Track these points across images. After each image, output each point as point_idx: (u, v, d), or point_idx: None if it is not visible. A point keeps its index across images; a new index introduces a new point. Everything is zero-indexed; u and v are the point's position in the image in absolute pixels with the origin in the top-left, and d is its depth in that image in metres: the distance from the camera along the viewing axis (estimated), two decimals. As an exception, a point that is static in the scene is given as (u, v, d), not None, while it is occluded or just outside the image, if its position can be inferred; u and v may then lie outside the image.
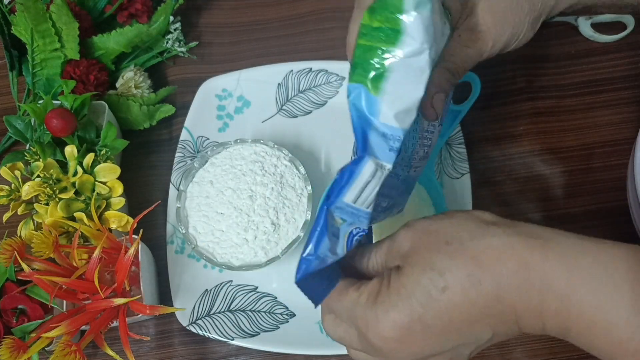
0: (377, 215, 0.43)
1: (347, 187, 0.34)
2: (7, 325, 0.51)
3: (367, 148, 0.34)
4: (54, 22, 0.58)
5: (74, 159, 0.54)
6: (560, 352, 0.52)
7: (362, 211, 0.35)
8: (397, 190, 0.43)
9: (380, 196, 0.41)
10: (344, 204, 0.34)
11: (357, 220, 0.35)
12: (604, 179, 0.57)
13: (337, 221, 0.35)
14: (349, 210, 0.35)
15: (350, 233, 0.36)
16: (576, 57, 0.62)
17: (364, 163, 0.34)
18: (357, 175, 0.34)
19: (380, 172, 0.34)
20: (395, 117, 0.33)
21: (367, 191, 0.34)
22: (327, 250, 0.35)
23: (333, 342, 0.52)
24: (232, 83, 0.63)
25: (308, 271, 0.35)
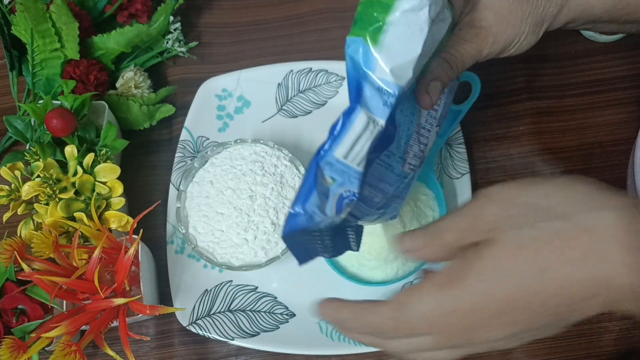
0: (372, 212, 0.42)
1: (338, 140, 0.33)
2: (7, 325, 0.51)
3: (360, 100, 0.33)
4: (54, 22, 0.58)
5: (74, 159, 0.54)
6: (560, 352, 0.52)
7: (353, 169, 0.34)
8: (390, 186, 0.43)
9: (373, 187, 0.41)
10: (334, 160, 0.34)
11: (348, 181, 0.35)
12: (604, 179, 0.56)
13: (327, 180, 0.34)
14: (339, 168, 0.34)
15: (340, 196, 0.35)
16: (576, 57, 0.62)
17: (356, 114, 0.33)
18: (348, 127, 0.33)
19: (372, 127, 0.33)
20: (391, 72, 0.33)
21: (359, 146, 0.34)
22: (316, 207, 0.34)
23: (333, 342, 0.53)
24: (232, 83, 0.63)
25: (296, 227, 0.34)
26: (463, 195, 0.56)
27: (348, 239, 0.44)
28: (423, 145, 0.44)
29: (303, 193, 0.34)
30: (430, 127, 0.44)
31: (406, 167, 0.43)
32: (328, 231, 0.39)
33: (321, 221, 0.35)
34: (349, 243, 0.44)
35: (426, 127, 0.44)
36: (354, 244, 0.45)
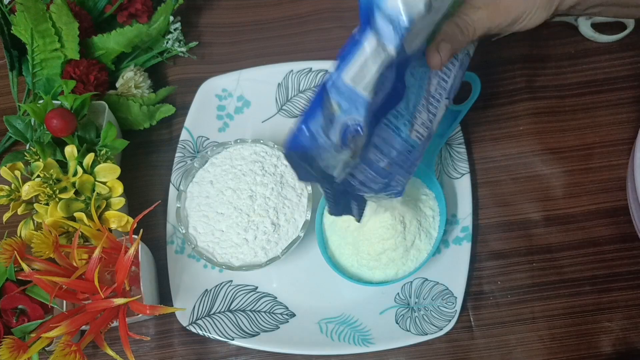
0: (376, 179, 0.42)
1: (346, 61, 0.33)
2: (7, 325, 0.51)
3: (370, 23, 0.33)
4: (54, 22, 0.58)
5: (74, 159, 0.54)
6: (560, 352, 0.52)
7: (360, 95, 0.34)
8: (396, 152, 0.42)
9: (378, 150, 0.40)
10: (342, 83, 0.33)
11: (354, 108, 0.34)
12: (604, 179, 0.57)
13: (334, 107, 0.34)
14: (346, 93, 0.34)
15: (346, 125, 0.35)
16: (576, 57, 0.62)
17: (366, 35, 0.33)
18: (358, 48, 0.33)
19: (382, 52, 0.33)
20: (402, 1, 0.32)
21: (367, 70, 0.33)
22: (320, 127, 0.34)
23: (333, 342, 0.53)
24: (232, 83, 0.63)
25: (297, 144, 0.34)
26: (463, 195, 0.56)
27: (350, 204, 0.44)
28: (432, 115, 0.44)
29: (308, 113, 0.33)
30: (439, 97, 0.44)
31: (413, 134, 0.43)
32: (330, 183, 0.38)
33: (324, 144, 0.34)
34: (350, 208, 0.44)
35: (435, 96, 0.43)
36: (355, 211, 0.45)
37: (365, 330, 0.53)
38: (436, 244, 0.52)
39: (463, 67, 0.46)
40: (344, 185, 0.42)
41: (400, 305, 0.54)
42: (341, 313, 0.54)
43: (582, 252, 0.55)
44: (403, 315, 0.53)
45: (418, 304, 0.54)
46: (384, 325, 0.53)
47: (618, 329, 0.52)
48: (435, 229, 0.53)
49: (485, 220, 0.56)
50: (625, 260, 0.54)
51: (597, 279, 0.54)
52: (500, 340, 0.53)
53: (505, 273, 0.55)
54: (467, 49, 0.46)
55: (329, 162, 0.37)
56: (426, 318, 0.53)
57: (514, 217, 0.56)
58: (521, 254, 0.55)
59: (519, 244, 0.55)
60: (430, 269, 0.54)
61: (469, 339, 0.53)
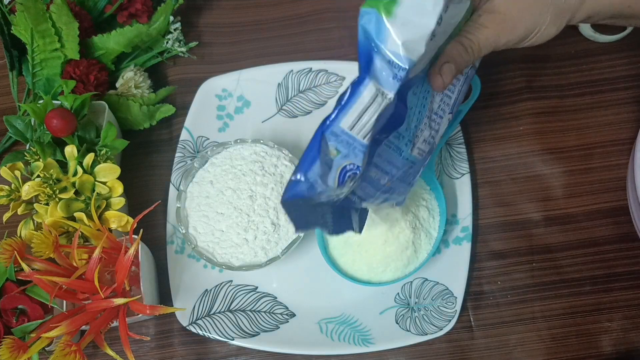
0: (376, 194, 0.42)
1: (345, 109, 0.33)
2: (7, 325, 0.51)
3: (369, 71, 0.33)
4: (54, 22, 0.58)
5: (74, 159, 0.54)
6: (560, 352, 0.52)
7: (358, 141, 0.34)
8: (397, 169, 0.42)
9: (379, 169, 0.41)
10: (340, 130, 0.34)
11: (352, 153, 0.35)
12: (604, 179, 0.57)
13: (332, 151, 0.34)
14: (344, 139, 0.34)
15: (344, 168, 0.35)
16: (576, 57, 0.62)
17: (365, 84, 0.33)
18: (356, 97, 0.33)
19: (380, 99, 0.33)
20: (403, 45, 0.32)
21: (366, 118, 0.33)
22: (318, 176, 0.34)
23: (333, 342, 0.53)
24: (232, 83, 0.63)
25: (296, 194, 0.34)
26: (463, 195, 0.56)
27: (351, 219, 0.43)
28: (434, 131, 0.44)
29: (306, 161, 0.34)
30: (442, 113, 0.44)
31: (415, 152, 0.43)
32: (329, 207, 0.38)
33: (322, 191, 0.35)
34: (351, 223, 0.44)
35: (438, 112, 0.43)
36: (356, 225, 0.45)
37: (365, 330, 0.53)
38: (436, 244, 0.52)
39: (468, 79, 0.46)
40: (344, 202, 0.42)
41: (400, 305, 0.54)
42: (341, 313, 0.54)
43: (582, 252, 0.55)
44: (403, 315, 0.53)
45: (418, 304, 0.54)
46: (384, 325, 0.53)
47: (618, 329, 0.52)
48: (435, 229, 0.53)
49: (485, 220, 0.56)
50: (625, 260, 0.54)
51: (597, 279, 0.54)
52: (500, 340, 0.53)
53: (505, 273, 0.55)
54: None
55: (330, 199, 0.37)
56: (426, 318, 0.53)
57: (514, 217, 0.56)
58: (521, 254, 0.55)
59: (519, 244, 0.55)
60: (430, 269, 0.54)
61: (469, 339, 0.53)
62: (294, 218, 0.38)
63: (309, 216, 0.39)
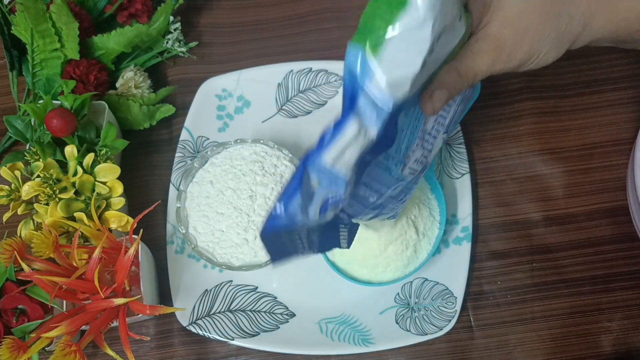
0: (366, 211, 0.42)
1: (327, 146, 0.33)
2: (7, 325, 0.51)
3: (353, 109, 0.33)
4: (54, 22, 0.58)
5: (74, 159, 0.54)
6: (560, 352, 0.52)
7: (341, 177, 0.34)
8: (387, 187, 0.42)
9: (368, 187, 0.41)
10: (322, 166, 0.34)
11: (334, 185, 0.35)
12: (604, 179, 0.57)
13: (314, 183, 0.35)
14: (326, 173, 0.34)
15: (326, 199, 0.35)
16: (576, 57, 0.61)
17: (348, 122, 0.33)
18: (339, 135, 0.33)
19: (362, 137, 0.33)
20: (388, 86, 0.32)
21: (347, 155, 0.34)
22: (298, 207, 0.35)
23: (333, 342, 0.53)
24: (232, 83, 0.63)
25: (275, 227, 0.35)
26: (463, 195, 0.56)
27: (338, 235, 0.43)
28: (427, 151, 0.44)
29: (286, 194, 0.34)
30: (436, 133, 0.44)
31: (406, 171, 0.43)
32: (317, 228, 0.38)
33: (303, 223, 0.35)
34: (338, 240, 0.44)
35: (432, 133, 0.43)
36: (344, 241, 0.45)
37: (365, 330, 0.53)
38: (436, 244, 0.52)
39: (465, 99, 0.45)
40: (333, 223, 0.41)
41: (400, 305, 0.54)
42: (341, 313, 0.54)
43: (582, 252, 0.55)
44: (403, 315, 0.53)
45: (418, 304, 0.54)
46: (384, 325, 0.53)
47: (618, 329, 0.52)
48: (436, 229, 0.53)
49: (485, 220, 0.57)
50: (625, 260, 0.54)
51: (597, 279, 0.54)
52: (500, 340, 0.53)
53: (505, 273, 0.55)
54: None
55: (312, 227, 0.37)
56: (426, 318, 0.53)
57: (514, 217, 0.56)
58: (521, 254, 0.55)
59: (519, 244, 0.55)
60: (430, 269, 0.54)
61: (469, 339, 0.53)
62: (271, 251, 0.39)
63: (289, 244, 0.39)
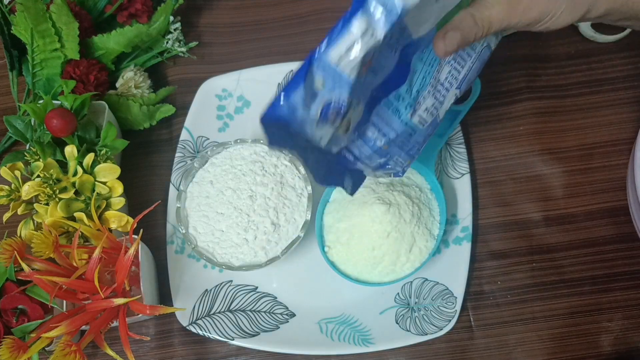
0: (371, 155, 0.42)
1: (334, 41, 0.33)
2: (7, 325, 0.51)
3: (363, 6, 0.33)
4: (54, 22, 0.58)
5: (74, 159, 0.54)
6: (560, 352, 0.52)
7: (344, 77, 0.34)
8: (395, 133, 0.42)
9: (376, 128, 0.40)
10: (327, 63, 0.34)
11: (338, 87, 0.35)
12: (604, 179, 0.57)
13: (318, 83, 0.34)
14: (331, 72, 0.34)
15: (328, 101, 0.35)
16: (576, 57, 0.62)
17: (356, 19, 0.33)
18: (346, 30, 0.33)
19: (369, 37, 0.33)
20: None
21: (353, 53, 0.33)
22: (301, 99, 0.34)
23: (333, 342, 0.53)
24: (232, 83, 0.63)
25: (275, 115, 0.34)
26: (463, 195, 0.56)
27: (343, 176, 0.43)
28: (438, 102, 0.43)
29: (290, 85, 0.34)
30: (449, 85, 0.43)
31: (415, 118, 0.43)
32: (317, 150, 0.38)
33: (303, 119, 0.35)
34: (342, 180, 0.43)
35: (445, 84, 0.43)
36: (348, 185, 0.44)
37: (365, 330, 0.53)
38: (436, 244, 0.52)
39: (481, 59, 0.45)
40: (339, 159, 0.41)
41: (400, 305, 0.54)
42: (341, 313, 0.54)
43: (582, 252, 0.55)
44: (403, 315, 0.53)
45: (418, 304, 0.54)
46: (384, 325, 0.53)
47: (618, 329, 0.52)
48: (436, 229, 0.53)
49: (485, 220, 0.57)
50: (625, 260, 0.54)
51: (597, 279, 0.54)
52: (500, 340, 0.53)
53: (505, 273, 0.55)
54: (487, 41, 0.45)
55: (313, 135, 0.37)
56: (426, 318, 0.53)
57: (514, 217, 0.56)
58: (521, 254, 0.55)
59: (519, 244, 0.55)
60: (430, 269, 0.54)
61: (469, 339, 0.53)
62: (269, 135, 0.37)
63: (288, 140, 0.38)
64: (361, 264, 0.52)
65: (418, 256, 0.52)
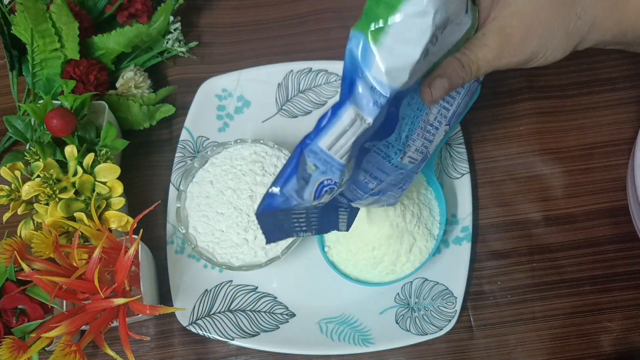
0: (365, 196, 0.43)
1: (324, 130, 0.34)
2: (7, 325, 0.51)
3: (351, 96, 0.34)
4: (54, 22, 0.58)
5: (74, 159, 0.54)
6: (560, 352, 0.52)
7: (336, 161, 0.35)
8: (386, 175, 0.43)
9: (367, 173, 0.41)
10: (319, 149, 0.35)
11: (330, 170, 0.36)
12: (604, 179, 0.57)
13: (310, 167, 0.35)
14: (322, 157, 0.35)
15: (321, 183, 0.36)
16: (576, 57, 0.61)
17: (345, 108, 0.34)
18: (336, 120, 0.34)
19: (359, 123, 0.34)
20: (386, 73, 0.33)
21: (343, 140, 0.34)
22: (294, 190, 0.36)
23: (333, 342, 0.53)
24: (232, 83, 0.63)
25: (271, 207, 0.36)
26: (463, 195, 0.56)
27: (338, 218, 0.44)
28: (427, 141, 0.44)
29: (283, 176, 0.36)
30: (438, 124, 0.44)
31: (406, 160, 0.43)
32: (316, 209, 0.39)
33: (297, 204, 0.36)
34: (337, 223, 0.44)
35: (434, 124, 0.43)
36: (342, 224, 0.45)
37: (365, 330, 0.53)
38: (436, 244, 0.52)
39: (470, 92, 0.45)
40: (330, 202, 0.42)
41: (400, 305, 0.54)
42: (341, 313, 0.54)
43: (582, 252, 0.55)
44: (403, 315, 0.53)
45: (418, 304, 0.54)
46: (384, 325, 0.53)
47: (618, 329, 0.52)
48: (436, 229, 0.53)
49: (485, 220, 0.57)
50: (625, 260, 0.54)
51: (597, 279, 0.54)
52: (500, 340, 0.53)
53: (505, 273, 0.55)
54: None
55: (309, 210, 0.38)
56: (426, 318, 0.53)
57: (514, 217, 0.56)
58: (521, 254, 0.55)
59: (519, 244, 0.55)
60: (430, 269, 0.54)
61: (469, 339, 0.53)
62: (265, 230, 0.39)
63: (286, 224, 0.40)
64: (361, 264, 0.52)
65: (418, 256, 0.52)
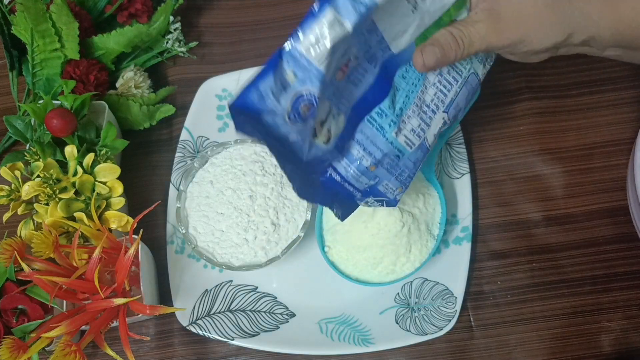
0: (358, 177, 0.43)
1: (303, 31, 0.34)
2: (7, 325, 0.51)
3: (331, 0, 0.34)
4: (54, 22, 0.58)
5: (74, 159, 0.54)
6: (560, 352, 0.52)
7: (314, 66, 0.35)
8: (382, 152, 0.42)
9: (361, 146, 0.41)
10: (298, 53, 0.35)
11: (309, 79, 0.35)
12: (604, 179, 0.57)
13: (289, 75, 0.35)
14: (301, 63, 0.35)
15: (300, 95, 0.36)
16: (576, 57, 0.61)
17: (323, 10, 0.34)
18: (314, 20, 0.34)
19: (338, 27, 0.34)
20: None
21: (322, 43, 0.34)
22: (269, 89, 0.35)
23: (333, 342, 0.53)
24: (232, 83, 0.63)
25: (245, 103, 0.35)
26: (463, 195, 0.56)
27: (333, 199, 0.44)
28: (425, 124, 0.44)
29: (260, 74, 0.35)
30: (435, 108, 0.44)
31: (401, 138, 0.43)
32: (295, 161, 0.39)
33: (273, 109, 0.36)
34: (331, 202, 0.44)
35: (431, 106, 0.43)
36: (338, 211, 0.45)
37: (365, 330, 0.53)
38: (436, 244, 0.52)
39: (469, 85, 0.45)
40: (330, 182, 0.42)
41: (400, 305, 0.54)
42: (341, 313, 0.54)
43: (582, 252, 0.55)
44: (403, 315, 0.53)
45: (418, 304, 0.54)
46: (384, 325, 0.53)
47: (618, 329, 0.52)
48: (435, 229, 0.53)
49: (485, 220, 0.57)
50: (625, 260, 0.54)
51: (597, 279, 0.54)
52: (500, 340, 0.53)
53: (505, 273, 0.55)
54: (474, 68, 0.45)
55: (289, 132, 0.37)
56: (426, 318, 0.53)
57: (514, 217, 0.56)
58: (521, 254, 0.55)
59: (519, 244, 0.55)
60: (430, 269, 0.54)
61: (469, 339, 0.53)
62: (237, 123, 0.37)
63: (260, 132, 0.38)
64: (361, 264, 0.52)
65: (418, 256, 0.52)
